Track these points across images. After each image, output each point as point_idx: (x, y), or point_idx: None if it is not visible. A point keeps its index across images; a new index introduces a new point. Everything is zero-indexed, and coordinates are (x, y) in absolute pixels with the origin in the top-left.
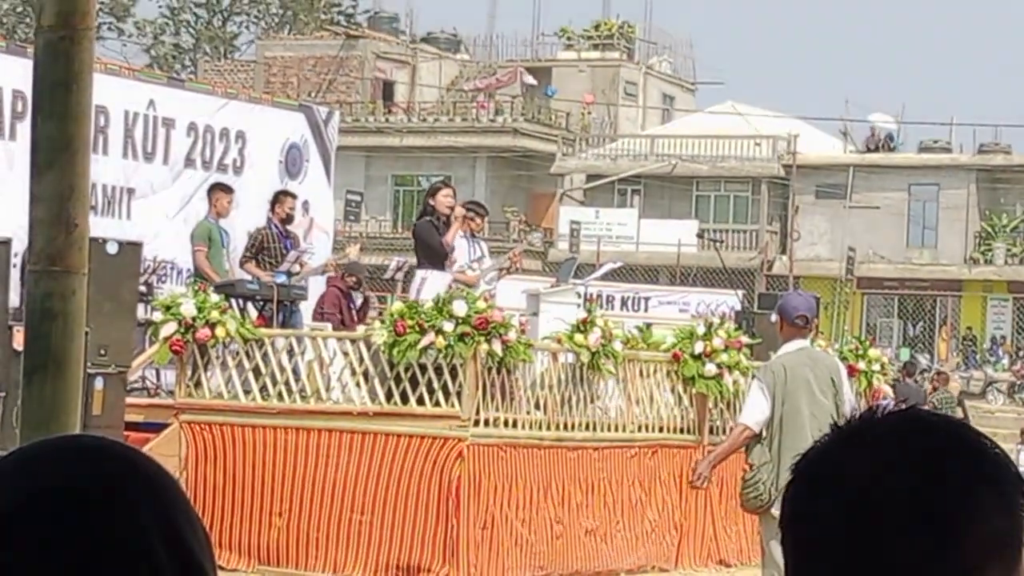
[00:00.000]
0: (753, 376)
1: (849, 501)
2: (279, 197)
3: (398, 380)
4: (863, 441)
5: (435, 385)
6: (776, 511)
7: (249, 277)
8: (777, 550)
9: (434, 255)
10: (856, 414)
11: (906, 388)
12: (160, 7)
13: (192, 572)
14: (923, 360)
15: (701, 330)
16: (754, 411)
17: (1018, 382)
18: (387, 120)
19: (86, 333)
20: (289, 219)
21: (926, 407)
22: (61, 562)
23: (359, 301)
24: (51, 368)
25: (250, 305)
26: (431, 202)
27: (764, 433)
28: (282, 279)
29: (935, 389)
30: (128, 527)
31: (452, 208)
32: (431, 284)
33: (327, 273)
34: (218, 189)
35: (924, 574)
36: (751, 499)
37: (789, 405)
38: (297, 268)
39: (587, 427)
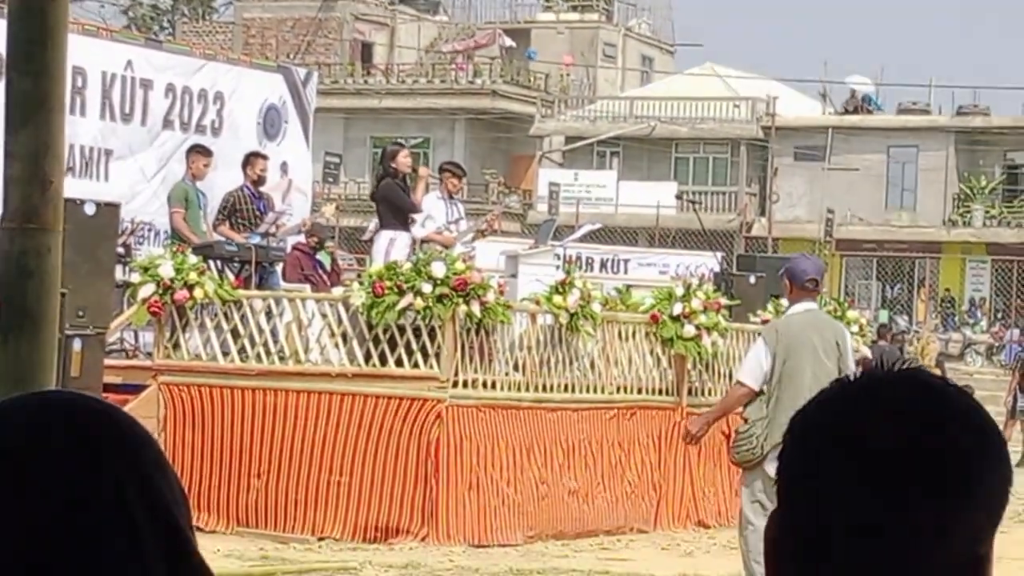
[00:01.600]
0: (758, 336)
1: (863, 458)
2: (250, 159)
3: (376, 341)
4: (871, 398)
5: (414, 347)
6: (769, 467)
7: (226, 239)
8: (754, 512)
9: (401, 215)
10: (858, 371)
11: (881, 350)
12: None
13: (168, 529)
14: (901, 322)
15: (680, 292)
16: (753, 369)
17: (996, 344)
18: (366, 82)
19: (63, 294)
20: (261, 181)
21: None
22: (35, 515)
23: (327, 262)
24: (27, 326)
25: (227, 267)
26: (392, 164)
27: (764, 390)
28: (256, 240)
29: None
30: (102, 481)
31: (413, 168)
32: (400, 244)
33: (304, 229)
34: (195, 151)
35: (942, 531)
36: (742, 451)
37: (791, 363)
38: (274, 229)
39: (566, 388)
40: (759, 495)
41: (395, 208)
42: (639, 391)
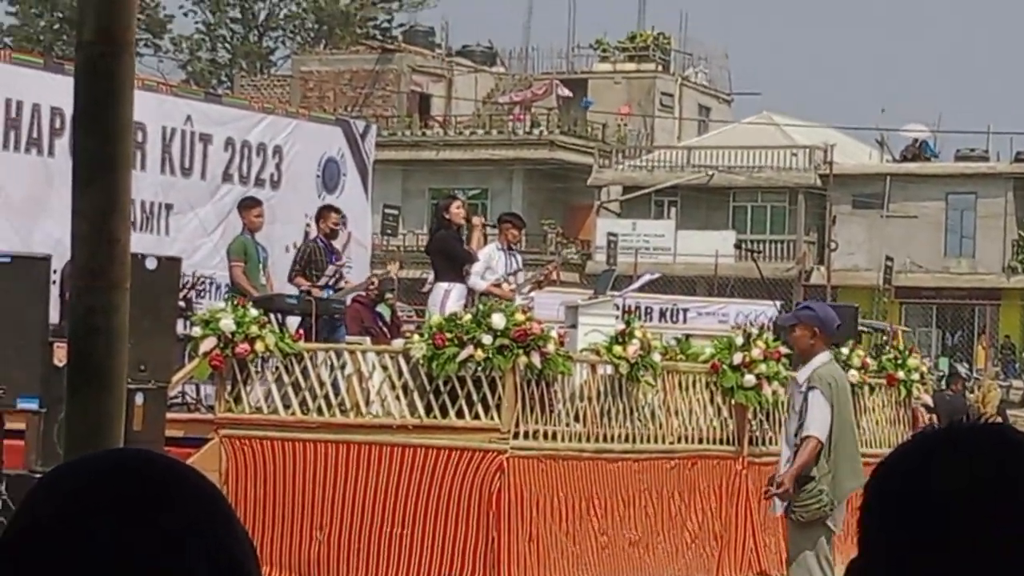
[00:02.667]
0: (812, 387)
1: (949, 513)
2: (322, 212)
3: (437, 393)
4: (956, 452)
5: (474, 398)
6: (832, 522)
7: (289, 292)
8: (814, 563)
9: (456, 266)
10: (938, 425)
11: (943, 398)
12: (196, 23)
13: None
14: (962, 370)
15: (740, 341)
16: (824, 423)
17: None
18: (424, 134)
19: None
20: (333, 234)
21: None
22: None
23: (387, 314)
24: (95, 383)
25: (289, 319)
26: (446, 215)
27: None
28: (328, 293)
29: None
30: (168, 540)
31: (466, 218)
32: (455, 295)
33: (372, 287)
34: (246, 204)
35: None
36: (814, 509)
37: (841, 415)
38: (342, 284)
39: (626, 439)
40: (826, 550)
41: (450, 260)
42: (700, 441)
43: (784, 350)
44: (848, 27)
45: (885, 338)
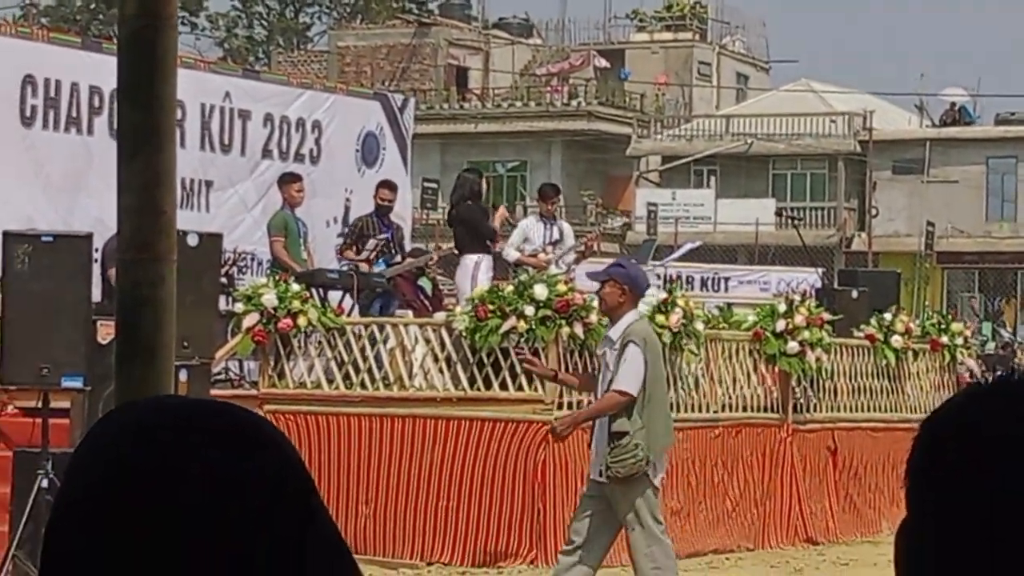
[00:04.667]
0: (629, 341)
1: (1002, 458)
2: (377, 187)
3: (480, 365)
4: (1008, 400)
5: (518, 369)
6: (655, 477)
7: (331, 266)
8: (655, 525)
9: (482, 238)
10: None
11: (995, 359)
12: (232, 1)
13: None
14: (1005, 334)
15: (782, 308)
16: (637, 378)
17: None
18: (461, 107)
19: None
20: (383, 209)
21: None
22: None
23: (428, 287)
24: (143, 356)
25: (333, 293)
26: (476, 188)
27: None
28: (381, 267)
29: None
30: (268, 476)
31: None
32: (485, 267)
33: (432, 263)
34: (286, 179)
35: None
36: (630, 464)
37: (653, 372)
38: (397, 259)
39: (671, 408)
40: (652, 504)
41: (476, 230)
42: (744, 409)
43: (827, 316)
44: None
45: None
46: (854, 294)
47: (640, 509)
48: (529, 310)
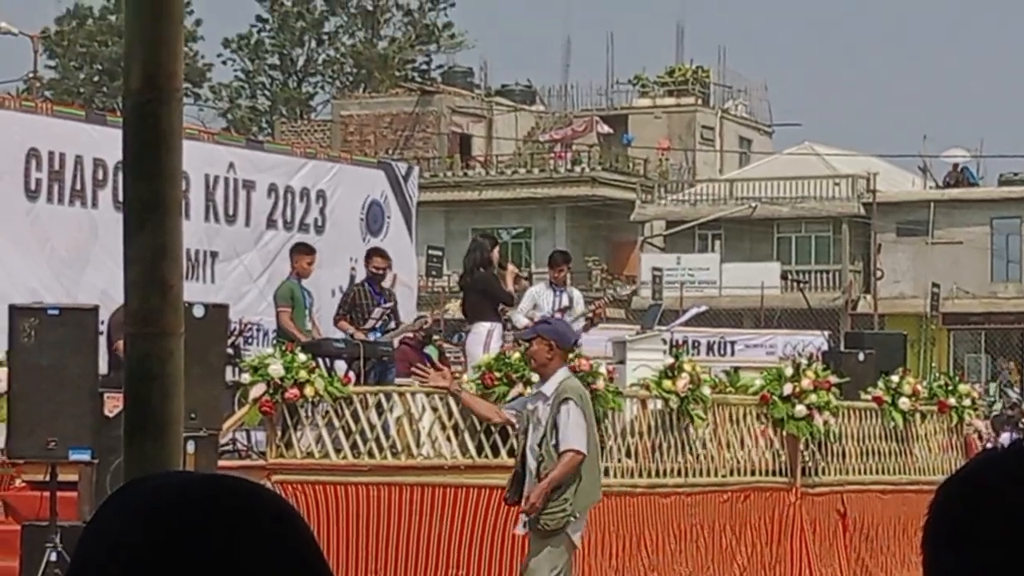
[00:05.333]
0: (567, 399)
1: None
2: (368, 255)
3: (488, 433)
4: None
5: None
6: (574, 534)
7: (336, 336)
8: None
9: (495, 305)
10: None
11: (1005, 420)
12: (235, 71)
13: None
14: (1013, 395)
15: (789, 372)
16: (583, 436)
17: None
18: (465, 174)
19: None
20: (377, 277)
21: None
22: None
23: (435, 355)
24: (151, 430)
25: (338, 363)
26: (488, 256)
27: None
28: (375, 336)
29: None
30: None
31: (500, 264)
32: (497, 335)
33: (426, 327)
34: (299, 250)
35: None
36: (559, 518)
37: (589, 429)
38: (393, 325)
39: (679, 473)
40: (566, 561)
41: (491, 299)
42: (752, 472)
43: (834, 379)
44: (887, 55)
45: (933, 364)
46: (861, 356)
47: (543, 563)
48: (536, 377)
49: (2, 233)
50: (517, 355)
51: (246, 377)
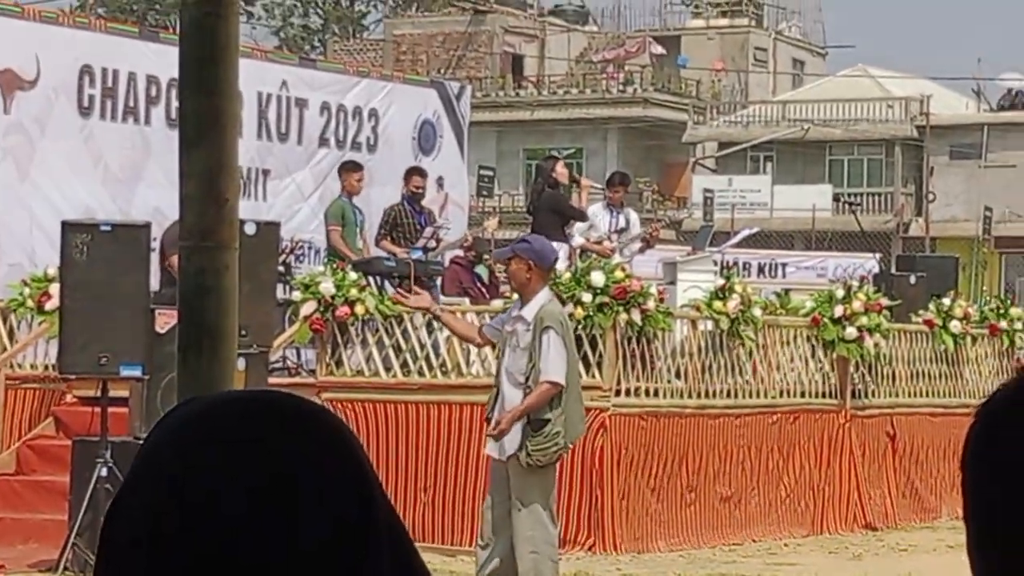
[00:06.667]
0: (547, 328)
1: None
2: (407, 174)
3: None
4: None
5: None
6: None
7: (386, 254)
8: (544, 511)
9: (563, 224)
10: None
11: None
12: None
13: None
14: None
15: (840, 294)
16: (563, 367)
17: None
18: (517, 94)
19: None
20: (415, 196)
21: None
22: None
23: (485, 275)
24: (206, 343)
25: (387, 282)
26: (553, 175)
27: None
28: (418, 255)
29: None
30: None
31: (572, 179)
32: (563, 256)
33: (466, 245)
34: (346, 168)
35: None
36: (552, 452)
37: (570, 358)
38: (434, 244)
39: (728, 394)
40: (554, 495)
41: (560, 217)
42: (802, 395)
43: (885, 302)
44: None
45: (984, 288)
46: (912, 279)
47: (536, 494)
48: (587, 297)
49: (56, 150)
50: (568, 274)
51: (297, 295)
